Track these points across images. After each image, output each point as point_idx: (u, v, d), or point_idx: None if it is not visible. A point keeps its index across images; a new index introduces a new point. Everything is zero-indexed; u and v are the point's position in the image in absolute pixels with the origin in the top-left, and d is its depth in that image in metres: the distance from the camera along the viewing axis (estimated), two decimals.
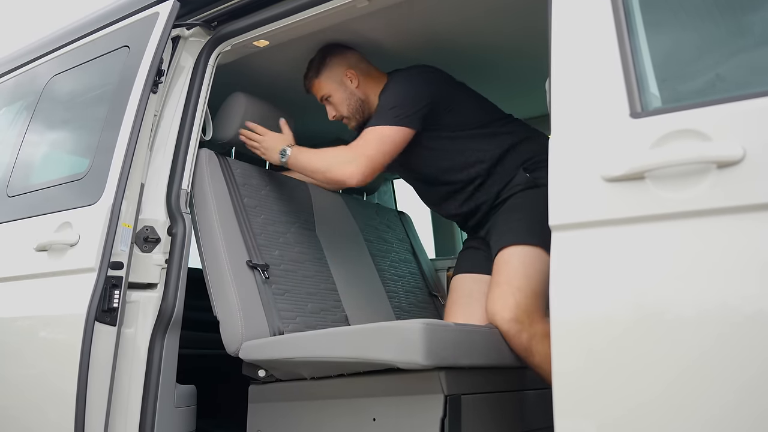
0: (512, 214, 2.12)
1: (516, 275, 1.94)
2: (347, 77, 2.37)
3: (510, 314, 1.86)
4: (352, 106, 2.38)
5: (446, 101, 2.25)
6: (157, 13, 2.11)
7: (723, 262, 1.17)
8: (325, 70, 2.38)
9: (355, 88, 2.37)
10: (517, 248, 1.99)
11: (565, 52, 1.42)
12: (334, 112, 2.41)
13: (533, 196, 2.08)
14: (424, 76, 2.28)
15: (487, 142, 2.25)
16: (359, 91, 2.37)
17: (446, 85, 2.30)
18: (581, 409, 1.26)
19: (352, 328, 1.90)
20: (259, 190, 2.36)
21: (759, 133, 1.16)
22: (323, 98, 2.42)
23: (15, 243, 2.19)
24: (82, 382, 1.77)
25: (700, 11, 1.42)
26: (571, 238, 1.32)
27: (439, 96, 2.24)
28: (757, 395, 1.11)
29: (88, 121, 2.30)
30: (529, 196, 2.12)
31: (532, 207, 2.03)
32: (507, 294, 1.90)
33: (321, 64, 2.39)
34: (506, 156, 2.22)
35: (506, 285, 1.93)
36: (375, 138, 2.16)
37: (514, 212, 2.12)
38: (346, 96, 2.38)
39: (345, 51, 2.41)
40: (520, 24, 2.25)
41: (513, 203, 2.15)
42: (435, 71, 2.32)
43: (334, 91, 2.38)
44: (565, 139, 1.37)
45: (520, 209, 2.11)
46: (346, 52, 2.41)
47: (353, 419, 1.79)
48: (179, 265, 1.98)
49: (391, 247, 2.86)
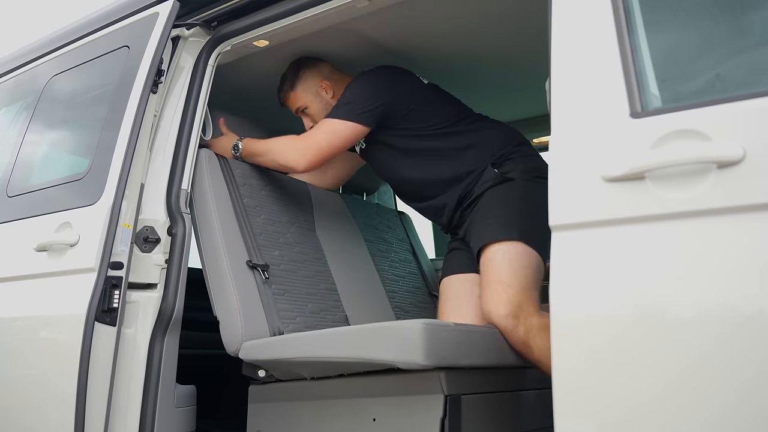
0: (487, 212, 2.12)
1: (503, 272, 1.95)
2: (322, 88, 2.42)
3: (504, 310, 1.88)
4: None
5: (407, 101, 2.27)
6: (156, 13, 2.11)
7: (723, 262, 1.17)
8: (300, 83, 2.43)
9: (330, 98, 2.41)
10: (498, 245, 2.00)
11: (565, 52, 1.42)
12: (311, 123, 2.44)
13: (505, 191, 2.12)
14: (386, 76, 2.31)
15: (453, 139, 2.27)
16: (334, 101, 2.39)
17: (409, 86, 2.32)
18: (581, 409, 1.26)
19: (352, 328, 1.90)
20: (259, 190, 2.36)
21: (759, 133, 1.16)
22: (299, 110, 2.46)
23: (15, 243, 2.19)
24: (82, 382, 1.77)
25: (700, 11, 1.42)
26: (571, 238, 1.32)
27: (400, 96, 2.27)
28: (757, 395, 1.11)
29: (88, 121, 2.30)
30: (500, 192, 2.14)
31: (506, 202, 2.09)
32: (498, 291, 1.92)
33: (295, 77, 2.44)
34: (473, 152, 2.24)
35: (496, 283, 1.94)
36: (326, 130, 2.23)
37: (489, 210, 2.13)
38: (322, 107, 2.41)
39: (317, 63, 2.46)
40: (518, 26, 2.25)
41: (486, 201, 2.16)
42: (399, 72, 2.35)
43: (310, 103, 2.43)
44: (565, 139, 1.37)
45: (494, 206, 2.12)
46: (319, 64, 2.46)
47: (353, 419, 1.79)
48: (179, 265, 1.98)
49: (391, 247, 2.86)
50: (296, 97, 2.45)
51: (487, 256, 2.02)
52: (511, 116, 3.03)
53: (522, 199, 2.08)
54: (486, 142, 2.26)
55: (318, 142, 2.22)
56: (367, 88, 2.27)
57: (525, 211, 2.05)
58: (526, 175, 2.14)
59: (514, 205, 2.08)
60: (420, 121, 2.28)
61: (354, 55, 2.48)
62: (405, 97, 2.28)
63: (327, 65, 2.48)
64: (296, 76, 2.44)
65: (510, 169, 2.17)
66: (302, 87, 2.44)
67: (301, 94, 2.44)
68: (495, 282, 1.95)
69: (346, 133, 2.22)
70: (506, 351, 1.87)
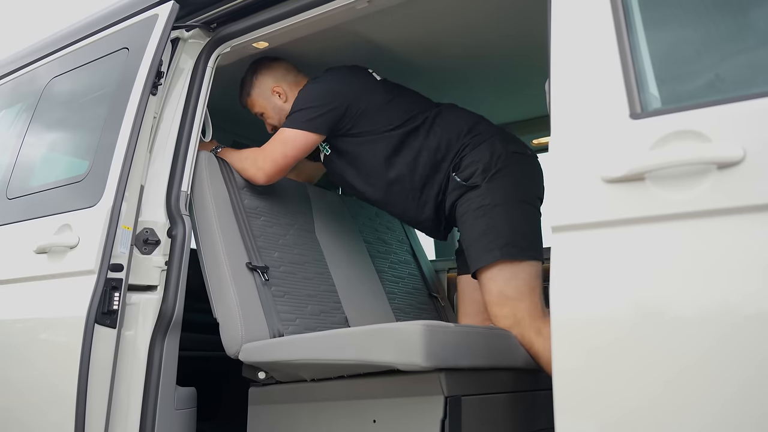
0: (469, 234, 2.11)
1: (500, 292, 2.01)
2: (274, 93, 2.40)
3: (508, 322, 1.97)
4: (283, 120, 2.37)
5: (359, 103, 2.23)
6: (156, 15, 2.11)
7: (723, 263, 1.17)
8: (254, 87, 2.41)
9: (283, 103, 2.39)
10: (484, 272, 2.05)
11: (564, 52, 1.42)
12: (269, 126, 2.46)
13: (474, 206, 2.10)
14: (335, 78, 2.28)
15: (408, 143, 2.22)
16: (288, 104, 2.37)
17: (361, 85, 2.27)
18: (582, 410, 1.26)
19: (352, 330, 1.90)
20: (259, 192, 2.36)
21: (759, 133, 1.16)
22: (257, 115, 2.46)
23: (15, 245, 2.19)
24: (83, 384, 1.76)
25: (699, 12, 1.42)
26: (571, 239, 1.32)
27: (351, 98, 2.23)
28: (758, 395, 1.11)
29: (87, 123, 2.29)
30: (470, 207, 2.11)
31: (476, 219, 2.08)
32: (500, 307, 2.00)
33: (250, 81, 2.42)
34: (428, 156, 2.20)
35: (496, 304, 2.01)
36: (279, 141, 2.23)
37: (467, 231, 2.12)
38: (276, 111, 2.41)
39: (272, 64, 2.41)
40: (518, 27, 2.26)
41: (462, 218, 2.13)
42: (349, 72, 2.31)
43: (265, 108, 2.43)
44: (565, 140, 1.37)
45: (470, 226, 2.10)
46: (273, 65, 2.41)
47: (353, 421, 1.79)
48: (179, 267, 1.98)
49: (391, 248, 2.86)
50: (252, 103, 2.44)
51: (482, 282, 2.07)
52: (510, 117, 3.04)
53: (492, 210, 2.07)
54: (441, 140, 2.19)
55: (273, 155, 2.23)
56: (316, 94, 2.25)
57: (499, 223, 2.05)
58: (486, 175, 2.10)
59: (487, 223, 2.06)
60: (373, 123, 2.23)
61: (354, 56, 2.48)
62: (356, 99, 2.23)
63: (282, 65, 2.42)
64: (252, 79, 2.41)
65: (471, 172, 2.12)
66: (257, 92, 2.41)
67: (256, 99, 2.42)
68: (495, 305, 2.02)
69: (299, 142, 2.21)
70: (506, 352, 1.87)
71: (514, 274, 2.01)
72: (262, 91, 2.40)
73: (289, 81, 2.40)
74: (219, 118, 2.40)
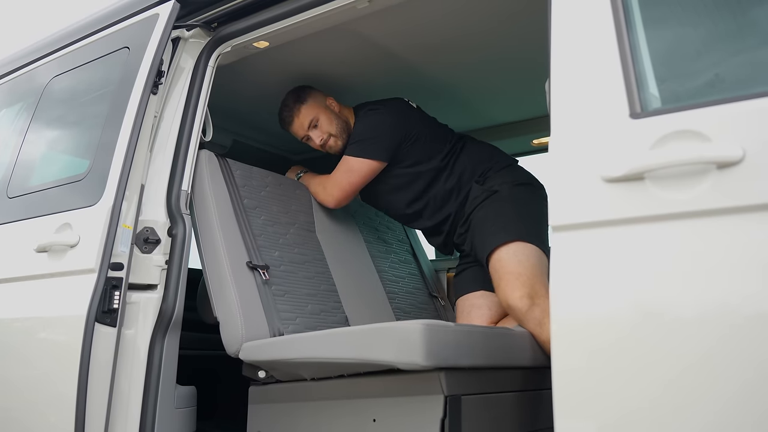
0: (485, 224, 2.28)
1: (512, 265, 2.12)
2: (328, 102, 2.54)
3: (519, 292, 2.04)
4: (339, 125, 2.51)
5: (412, 133, 2.41)
6: (157, 15, 2.11)
7: (723, 263, 1.17)
8: (309, 98, 2.52)
9: (337, 111, 2.53)
10: (502, 248, 2.16)
11: (564, 52, 1.42)
12: (321, 135, 2.51)
13: (495, 202, 2.31)
14: (393, 110, 2.43)
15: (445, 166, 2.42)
16: (341, 114, 2.53)
17: (412, 117, 2.46)
18: (581, 410, 1.26)
19: (352, 329, 1.90)
20: (259, 191, 2.37)
21: (759, 133, 1.16)
22: (310, 124, 2.51)
23: (15, 244, 2.19)
24: (83, 383, 1.76)
25: (699, 12, 1.42)
26: (571, 238, 1.32)
27: (406, 129, 2.41)
28: (758, 395, 1.11)
29: (88, 122, 2.30)
30: (491, 204, 2.30)
31: (499, 211, 2.27)
32: (511, 280, 2.08)
33: (302, 93, 2.53)
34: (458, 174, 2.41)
35: (508, 275, 2.10)
36: (345, 170, 2.44)
37: (485, 223, 2.28)
38: (333, 116, 2.52)
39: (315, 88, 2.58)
40: (518, 27, 2.26)
41: (480, 216, 2.31)
42: (402, 104, 2.48)
43: (320, 113, 2.51)
44: (565, 140, 1.37)
45: (490, 217, 2.28)
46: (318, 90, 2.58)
47: (353, 420, 1.79)
48: (179, 266, 1.98)
49: (391, 248, 2.86)
50: (307, 111, 2.50)
51: (494, 258, 2.16)
52: (511, 117, 3.04)
53: (512, 205, 2.26)
54: (467, 164, 2.42)
55: (340, 182, 2.44)
56: (376, 124, 2.40)
57: (517, 214, 2.23)
58: (508, 185, 2.31)
59: (506, 212, 2.25)
60: (420, 151, 2.42)
61: (354, 56, 2.48)
62: (410, 130, 2.41)
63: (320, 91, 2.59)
64: (303, 92, 2.54)
65: (493, 183, 2.34)
66: (311, 101, 2.52)
67: (311, 106, 2.51)
68: (506, 274, 2.10)
69: (364, 170, 2.40)
70: (507, 351, 1.87)
71: (529, 251, 2.13)
72: (316, 99, 2.53)
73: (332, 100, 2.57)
74: (219, 118, 2.41)
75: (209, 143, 2.34)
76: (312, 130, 2.51)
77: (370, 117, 2.44)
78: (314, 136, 2.51)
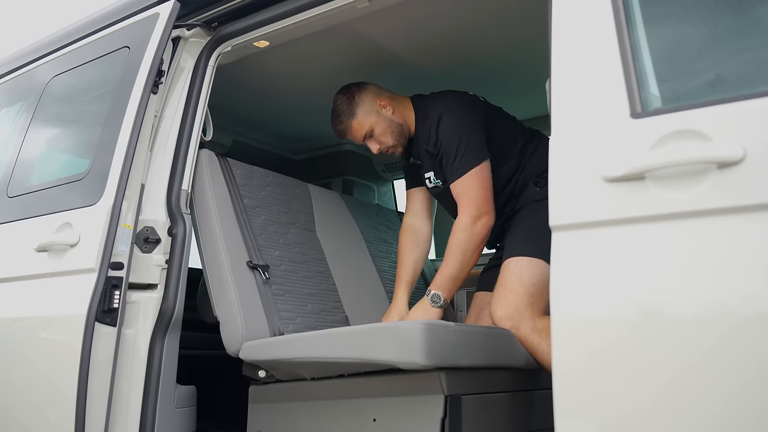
0: (518, 228, 2.24)
1: (511, 278, 2.08)
2: (381, 106, 2.37)
3: (502, 312, 2.02)
4: (395, 132, 2.37)
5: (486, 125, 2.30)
6: (157, 14, 2.11)
7: (724, 263, 1.17)
8: (359, 108, 2.36)
9: (391, 114, 2.37)
10: (516, 259, 2.12)
11: (565, 52, 1.42)
12: (378, 146, 2.39)
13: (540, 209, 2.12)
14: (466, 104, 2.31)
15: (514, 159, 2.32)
16: (396, 116, 2.37)
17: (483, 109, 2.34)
18: (581, 410, 1.26)
19: (353, 329, 1.90)
20: (259, 190, 2.37)
21: (759, 133, 1.16)
22: (365, 137, 2.39)
23: (15, 243, 2.19)
24: (83, 382, 1.76)
25: (700, 12, 1.42)
26: (571, 238, 1.32)
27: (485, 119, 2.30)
28: (758, 396, 1.11)
29: (88, 122, 2.30)
30: (535, 209, 2.19)
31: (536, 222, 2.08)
32: (501, 295, 2.06)
33: (351, 103, 2.37)
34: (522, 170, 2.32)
35: (501, 287, 2.08)
36: (471, 183, 2.21)
37: (520, 226, 2.24)
38: (387, 125, 2.37)
39: (362, 85, 2.41)
40: (518, 27, 2.26)
41: (522, 215, 2.26)
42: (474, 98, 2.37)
43: (375, 124, 2.37)
44: (566, 140, 1.37)
45: (526, 223, 2.22)
46: (367, 85, 2.41)
47: (353, 419, 1.79)
48: (179, 265, 1.98)
49: (392, 248, 2.86)
50: (360, 123, 2.37)
51: (504, 265, 2.14)
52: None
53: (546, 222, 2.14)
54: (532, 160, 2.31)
55: (478, 196, 2.21)
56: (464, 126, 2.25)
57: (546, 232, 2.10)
58: None
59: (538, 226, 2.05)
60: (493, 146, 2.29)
61: (354, 56, 2.48)
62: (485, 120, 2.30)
63: (373, 85, 2.43)
64: (352, 102, 2.37)
65: None
66: (362, 111, 2.36)
67: (363, 118, 2.36)
68: (500, 287, 2.09)
69: (485, 172, 2.22)
70: (506, 351, 1.87)
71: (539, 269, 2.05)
72: (367, 108, 2.36)
73: (386, 95, 2.40)
74: (219, 117, 2.40)
75: (209, 143, 2.34)
76: (368, 141, 2.41)
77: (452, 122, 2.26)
78: (371, 146, 2.41)
